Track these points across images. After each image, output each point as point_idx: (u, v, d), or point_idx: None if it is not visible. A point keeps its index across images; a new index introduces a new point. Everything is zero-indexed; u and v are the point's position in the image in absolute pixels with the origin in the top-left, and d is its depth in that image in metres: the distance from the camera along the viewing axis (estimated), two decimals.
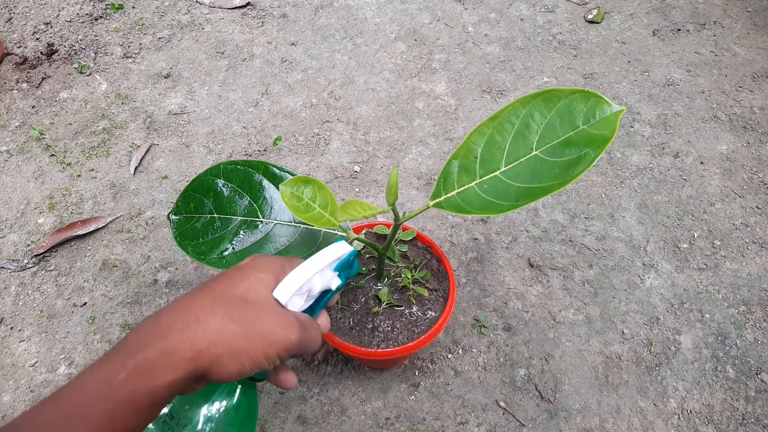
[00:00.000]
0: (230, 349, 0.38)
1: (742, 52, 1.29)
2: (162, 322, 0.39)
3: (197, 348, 0.37)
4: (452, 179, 0.55)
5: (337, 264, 0.48)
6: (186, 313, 0.39)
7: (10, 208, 0.99)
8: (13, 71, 1.20)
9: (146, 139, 1.10)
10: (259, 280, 0.43)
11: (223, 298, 0.41)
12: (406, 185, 1.03)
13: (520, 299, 0.90)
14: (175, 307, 0.40)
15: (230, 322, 0.39)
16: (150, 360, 0.36)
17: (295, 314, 0.43)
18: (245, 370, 0.39)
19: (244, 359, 0.38)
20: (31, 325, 0.86)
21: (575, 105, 0.52)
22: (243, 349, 0.38)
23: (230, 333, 0.38)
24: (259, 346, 0.39)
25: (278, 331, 0.41)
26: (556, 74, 1.23)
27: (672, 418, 0.79)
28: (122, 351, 0.37)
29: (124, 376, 0.35)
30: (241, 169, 0.66)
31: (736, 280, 0.93)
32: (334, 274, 0.49)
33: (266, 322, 0.40)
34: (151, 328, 0.38)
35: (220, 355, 0.38)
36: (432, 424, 0.78)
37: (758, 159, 1.09)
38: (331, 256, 0.47)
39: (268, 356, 0.40)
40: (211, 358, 0.37)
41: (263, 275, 0.43)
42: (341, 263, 0.49)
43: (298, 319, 0.43)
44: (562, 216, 1.00)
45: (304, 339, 0.43)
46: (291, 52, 1.27)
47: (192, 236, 0.64)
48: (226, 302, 0.40)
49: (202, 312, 0.39)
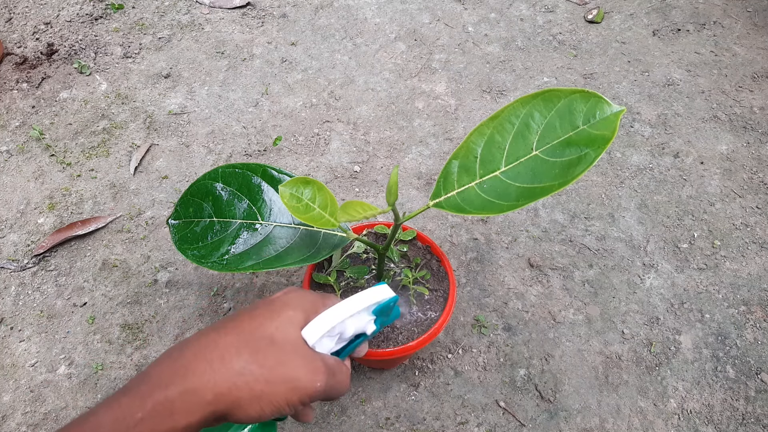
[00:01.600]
0: (251, 393, 0.37)
1: (742, 52, 1.29)
2: (186, 358, 0.37)
3: (218, 390, 0.36)
4: (452, 179, 0.55)
5: (375, 308, 0.46)
6: (211, 352, 0.38)
7: (10, 208, 0.99)
8: (13, 71, 1.20)
9: (146, 139, 1.10)
10: (289, 318, 0.41)
11: (251, 337, 0.39)
12: (406, 185, 1.03)
13: (520, 299, 0.90)
14: (201, 342, 0.39)
15: (254, 364, 0.37)
16: (170, 401, 0.35)
17: (323, 358, 0.41)
18: (265, 414, 0.38)
19: (264, 404, 0.37)
20: (31, 325, 0.86)
21: (575, 105, 0.52)
22: (264, 394, 0.37)
23: (253, 376, 0.37)
24: (282, 392, 0.38)
25: (303, 377, 0.39)
26: (556, 74, 1.23)
27: (672, 418, 0.79)
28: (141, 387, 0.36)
29: (140, 416, 0.34)
30: (240, 172, 0.66)
31: (736, 280, 0.93)
32: (371, 318, 0.46)
33: (291, 366, 0.39)
34: (174, 364, 0.37)
35: (240, 398, 0.36)
36: (432, 424, 0.78)
37: (758, 159, 1.09)
38: (369, 299, 0.45)
39: (290, 402, 0.38)
40: (232, 400, 0.36)
41: (293, 313, 0.41)
42: (380, 308, 0.46)
43: (325, 364, 0.41)
44: (562, 216, 1.00)
45: (330, 386, 0.41)
46: (291, 52, 1.26)
47: (192, 240, 0.64)
48: (252, 342, 0.39)
49: (227, 351, 0.38)
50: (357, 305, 0.44)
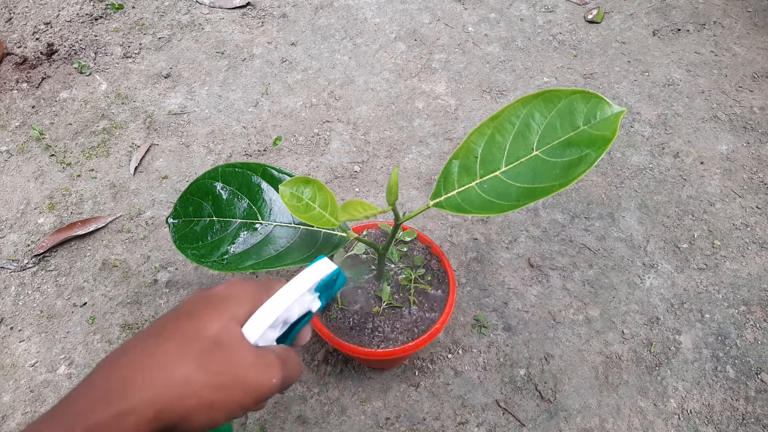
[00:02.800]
0: (200, 402, 0.34)
1: (742, 52, 1.29)
2: (121, 373, 0.33)
3: (160, 405, 0.32)
4: (452, 179, 0.55)
5: (317, 285, 0.43)
6: (149, 362, 0.34)
7: (10, 208, 0.99)
8: (13, 71, 1.20)
9: (146, 139, 1.10)
10: (233, 316, 0.37)
11: (194, 340, 0.35)
12: (406, 185, 1.03)
13: (520, 299, 0.90)
14: (138, 351, 0.35)
15: (201, 371, 0.34)
16: (102, 426, 0.31)
17: (273, 351, 0.38)
18: (218, 422, 0.35)
19: (216, 413, 0.34)
20: (31, 325, 0.86)
21: (576, 105, 0.52)
22: (216, 402, 0.34)
23: (201, 384, 0.34)
24: (236, 397, 0.35)
25: (257, 377, 0.36)
26: (556, 74, 1.23)
27: (672, 418, 0.79)
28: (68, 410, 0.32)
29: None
30: (240, 172, 0.66)
31: (736, 280, 0.93)
32: (315, 296, 0.43)
33: (243, 368, 0.35)
34: (107, 381, 0.33)
35: (188, 409, 0.33)
36: (432, 424, 0.78)
37: (758, 159, 1.09)
38: (311, 279, 0.42)
39: (245, 406, 0.36)
40: (180, 413, 0.33)
41: (238, 309, 0.38)
42: (322, 284, 0.43)
43: (277, 357, 0.38)
44: (562, 216, 1.00)
45: (285, 377, 0.38)
46: (291, 52, 1.26)
47: (191, 239, 0.64)
48: (195, 346, 0.35)
49: (168, 359, 0.34)
50: (298, 290, 0.41)
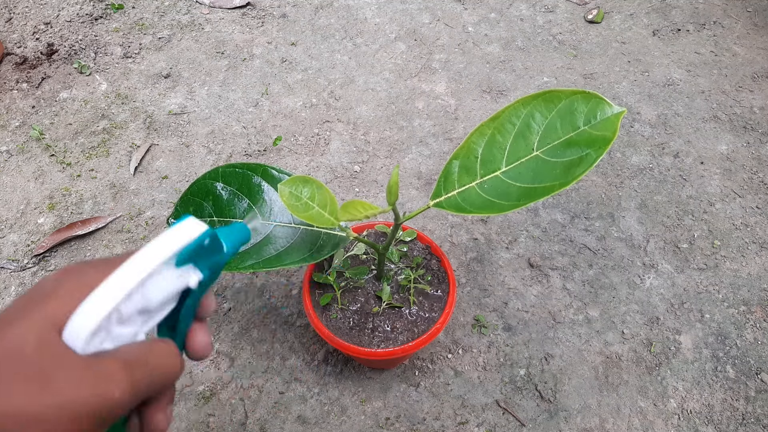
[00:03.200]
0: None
1: (742, 52, 1.29)
2: None
3: None
4: (453, 179, 0.55)
5: (181, 254, 0.30)
6: None
7: (10, 208, 0.99)
8: (13, 71, 1.20)
9: (146, 139, 1.10)
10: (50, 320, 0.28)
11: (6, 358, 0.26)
12: (406, 185, 1.03)
13: (520, 299, 0.90)
14: None
15: (16, 396, 0.25)
16: None
17: (114, 356, 0.29)
18: None
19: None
20: None
21: (576, 106, 0.52)
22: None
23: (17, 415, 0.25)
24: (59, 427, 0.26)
25: (85, 395, 0.27)
26: (556, 74, 1.23)
27: (672, 418, 0.79)
28: None
29: None
30: (240, 172, 0.66)
31: (736, 280, 0.93)
32: (188, 269, 0.31)
33: (62, 386, 0.26)
34: None
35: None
36: (432, 424, 0.78)
37: (758, 159, 1.09)
38: (166, 248, 0.30)
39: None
40: None
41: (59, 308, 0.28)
42: (187, 253, 0.30)
43: (120, 362, 0.28)
44: (562, 216, 1.00)
45: (146, 380, 0.29)
46: (291, 52, 1.26)
47: None
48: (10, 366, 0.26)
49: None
50: (142, 269, 0.29)
